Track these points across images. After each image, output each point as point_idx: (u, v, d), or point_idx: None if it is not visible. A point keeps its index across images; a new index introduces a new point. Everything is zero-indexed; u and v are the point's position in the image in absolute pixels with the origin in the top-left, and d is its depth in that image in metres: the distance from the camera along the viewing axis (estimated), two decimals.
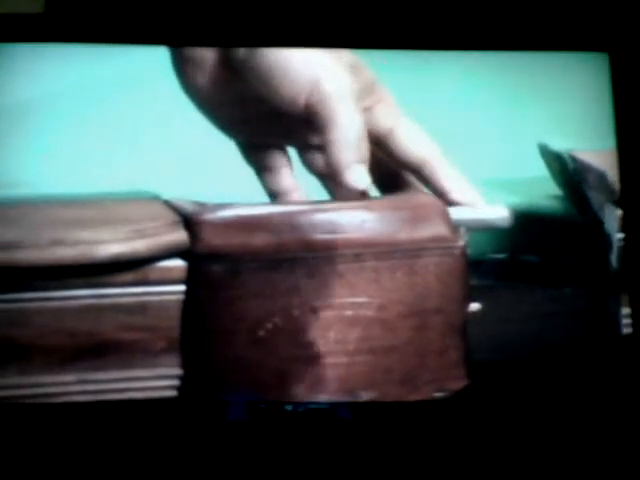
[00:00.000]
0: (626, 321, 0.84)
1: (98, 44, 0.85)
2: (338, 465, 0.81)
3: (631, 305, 0.84)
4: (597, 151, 0.86)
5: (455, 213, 0.80)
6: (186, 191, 0.80)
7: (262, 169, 0.84)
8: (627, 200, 0.85)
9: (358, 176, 0.78)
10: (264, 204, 0.79)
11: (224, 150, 0.85)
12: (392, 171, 0.84)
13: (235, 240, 0.77)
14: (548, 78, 0.86)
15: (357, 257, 0.78)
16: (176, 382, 0.77)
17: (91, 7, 0.91)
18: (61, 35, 0.85)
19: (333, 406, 0.79)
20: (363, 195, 0.79)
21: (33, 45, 0.84)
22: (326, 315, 0.77)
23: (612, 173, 0.85)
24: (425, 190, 0.83)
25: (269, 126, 0.82)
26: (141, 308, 0.76)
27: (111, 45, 0.85)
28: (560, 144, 0.86)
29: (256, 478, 0.81)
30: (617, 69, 0.88)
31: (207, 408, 0.79)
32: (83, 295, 0.75)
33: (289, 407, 0.79)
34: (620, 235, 0.84)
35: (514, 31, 0.89)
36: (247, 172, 0.85)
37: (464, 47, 0.85)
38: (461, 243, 0.79)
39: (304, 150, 0.83)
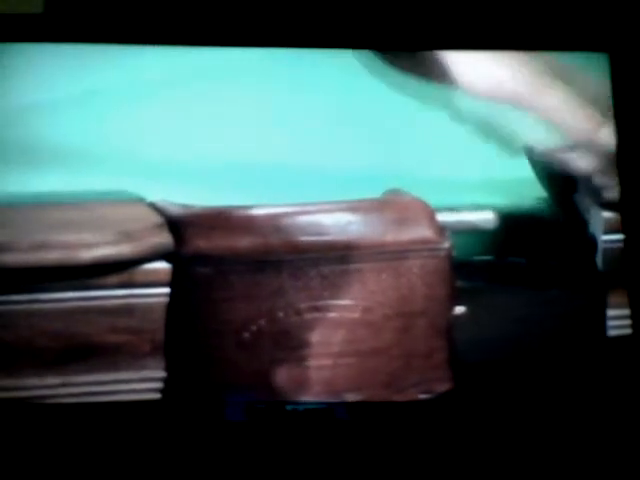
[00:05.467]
0: (626, 321, 0.83)
1: (97, 44, 0.85)
2: (334, 465, 0.81)
3: (631, 305, 0.84)
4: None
5: (440, 215, 0.80)
6: (172, 193, 0.80)
7: None
8: (627, 200, 0.85)
9: None
10: (249, 207, 0.79)
11: (214, 152, 0.85)
12: None
13: (221, 242, 0.77)
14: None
15: (342, 259, 0.78)
16: (161, 384, 0.77)
17: (90, 7, 0.91)
18: (61, 35, 0.85)
19: (331, 407, 0.79)
20: None
21: (33, 45, 0.84)
22: (311, 317, 0.77)
23: (611, 173, 0.85)
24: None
25: None
26: (127, 310, 0.76)
27: (111, 45, 0.85)
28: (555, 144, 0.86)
29: (253, 478, 0.81)
30: (617, 69, 0.88)
31: (205, 408, 0.79)
32: (69, 297, 0.75)
33: (289, 407, 0.79)
34: (618, 236, 0.84)
35: (515, 31, 0.88)
36: (235, 173, 0.85)
37: (464, 47, 0.85)
38: (446, 245, 0.79)
39: None
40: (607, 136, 0.82)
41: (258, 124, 0.84)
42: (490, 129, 0.83)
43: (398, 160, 0.84)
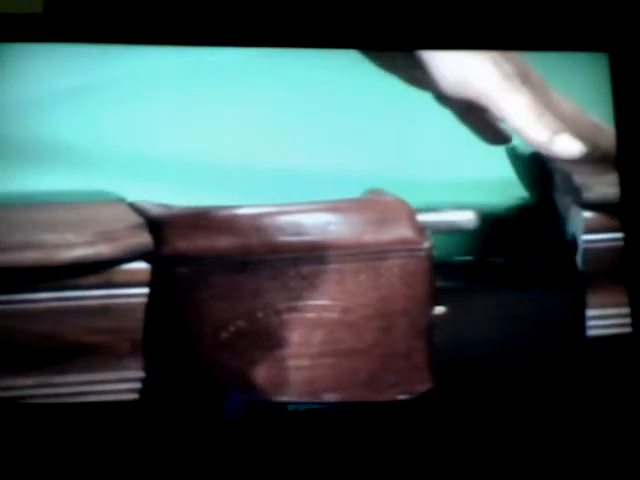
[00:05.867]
0: (606, 322, 0.83)
1: (97, 44, 0.85)
2: (333, 465, 0.81)
3: (631, 305, 0.83)
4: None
5: (421, 215, 0.79)
6: (153, 193, 0.81)
7: None
8: (627, 200, 0.85)
9: None
10: (230, 207, 0.79)
11: (203, 152, 0.85)
12: None
13: (200, 242, 0.77)
14: (548, 78, 0.85)
15: (321, 259, 0.78)
16: (141, 385, 0.77)
17: (90, 7, 0.92)
18: (60, 35, 0.85)
19: (330, 407, 0.79)
20: None
21: (32, 45, 0.84)
22: (289, 317, 0.78)
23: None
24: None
25: None
26: (105, 311, 0.76)
27: (110, 45, 0.85)
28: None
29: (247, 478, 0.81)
30: (617, 69, 0.88)
31: (186, 408, 0.79)
32: (48, 298, 0.76)
33: (290, 407, 0.79)
34: (598, 236, 0.83)
35: (514, 31, 0.88)
36: (215, 174, 0.85)
37: (464, 47, 0.85)
38: (427, 245, 0.79)
39: None
40: (563, 145, 0.81)
41: (250, 125, 0.84)
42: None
43: (379, 160, 0.84)
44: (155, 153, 0.84)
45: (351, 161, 0.84)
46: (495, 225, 0.83)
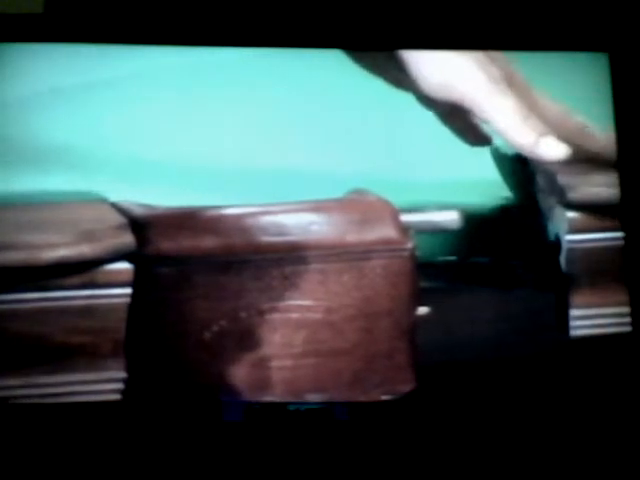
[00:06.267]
0: (589, 322, 0.83)
1: (97, 44, 0.85)
2: (331, 465, 0.81)
3: (631, 305, 0.83)
4: None
5: (404, 215, 0.79)
6: (152, 193, 0.81)
7: None
8: (627, 200, 0.84)
9: None
10: (214, 207, 0.79)
11: (193, 152, 0.85)
12: None
13: (184, 242, 0.77)
14: (548, 78, 0.85)
15: (304, 260, 0.78)
16: (123, 385, 0.77)
17: (90, 7, 0.92)
18: (60, 35, 0.86)
19: (330, 407, 0.79)
20: None
21: (32, 45, 0.85)
22: (272, 318, 0.78)
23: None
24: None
25: None
26: (89, 311, 0.76)
27: (110, 45, 0.85)
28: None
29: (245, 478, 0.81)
30: (617, 69, 0.87)
31: (203, 409, 0.79)
32: (30, 298, 0.76)
33: (291, 407, 0.79)
34: (582, 236, 0.83)
35: (514, 31, 0.88)
36: (214, 174, 0.85)
37: (464, 46, 0.84)
38: (410, 245, 0.79)
39: None
40: (548, 148, 0.81)
41: (250, 125, 0.84)
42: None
43: (380, 160, 0.84)
44: (155, 153, 0.84)
45: (352, 161, 0.84)
46: (479, 225, 0.83)
